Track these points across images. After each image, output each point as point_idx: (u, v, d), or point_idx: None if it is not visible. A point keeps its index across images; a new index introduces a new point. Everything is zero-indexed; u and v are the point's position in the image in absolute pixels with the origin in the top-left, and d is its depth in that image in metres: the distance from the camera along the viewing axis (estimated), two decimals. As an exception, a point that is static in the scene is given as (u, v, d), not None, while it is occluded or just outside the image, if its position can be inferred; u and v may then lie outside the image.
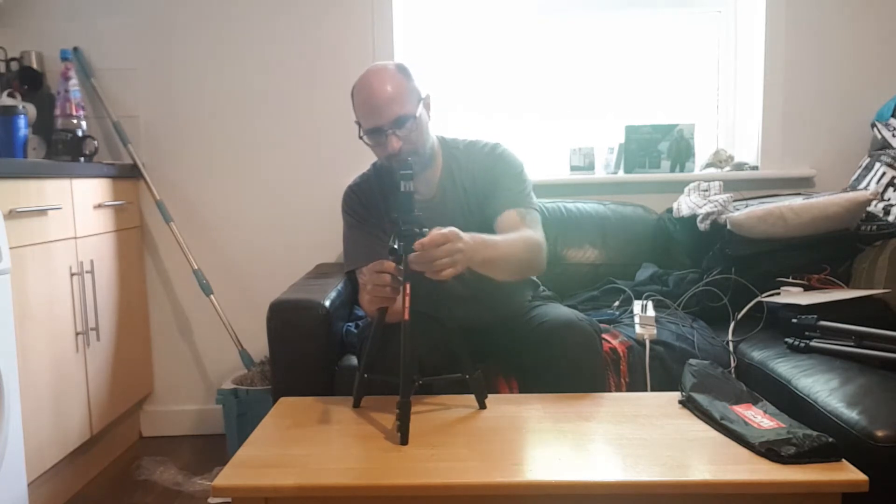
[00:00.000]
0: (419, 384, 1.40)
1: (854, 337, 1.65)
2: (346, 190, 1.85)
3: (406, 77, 1.67)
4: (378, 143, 1.66)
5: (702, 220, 2.21)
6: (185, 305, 2.72)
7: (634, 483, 1.15)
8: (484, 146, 1.81)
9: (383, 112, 1.61)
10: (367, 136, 1.67)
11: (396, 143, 1.62)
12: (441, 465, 1.21)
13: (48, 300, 2.03)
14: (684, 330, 1.97)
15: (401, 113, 1.62)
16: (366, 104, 1.64)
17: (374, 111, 1.62)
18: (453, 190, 1.77)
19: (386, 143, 1.63)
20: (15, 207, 1.86)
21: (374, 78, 1.64)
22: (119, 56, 2.64)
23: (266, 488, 1.17)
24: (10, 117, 2.25)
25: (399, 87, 1.63)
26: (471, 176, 1.77)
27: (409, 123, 1.63)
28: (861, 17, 2.55)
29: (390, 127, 1.62)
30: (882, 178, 2.25)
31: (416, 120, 1.65)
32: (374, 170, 1.86)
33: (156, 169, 2.66)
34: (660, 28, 2.74)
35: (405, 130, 1.63)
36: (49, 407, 2.01)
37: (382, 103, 1.61)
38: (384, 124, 1.62)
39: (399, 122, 1.62)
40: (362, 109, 1.66)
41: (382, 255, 1.57)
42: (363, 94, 1.65)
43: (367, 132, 1.66)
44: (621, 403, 1.50)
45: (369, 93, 1.63)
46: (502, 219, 1.69)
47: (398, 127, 1.62)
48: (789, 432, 1.22)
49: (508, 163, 1.77)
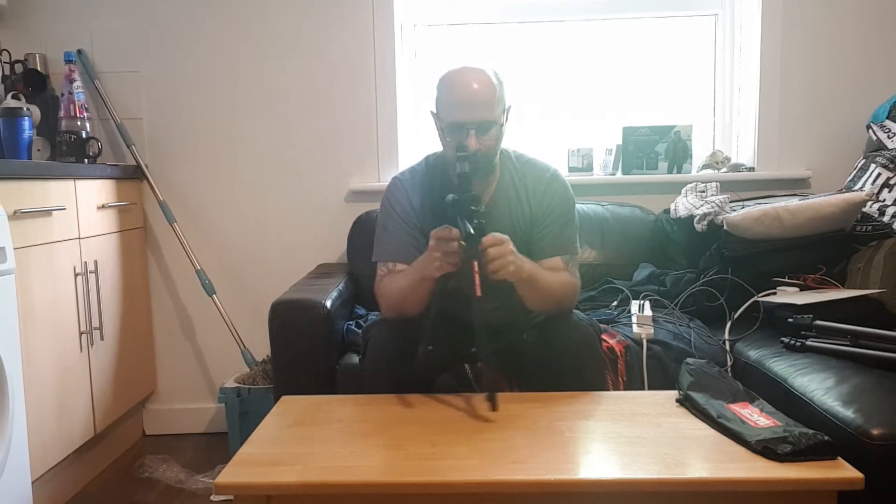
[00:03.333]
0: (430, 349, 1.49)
1: (850, 336, 1.67)
2: (392, 180, 1.82)
3: (500, 84, 1.67)
4: (455, 139, 1.64)
5: (699, 221, 2.23)
6: (188, 305, 2.74)
7: (632, 481, 1.17)
8: (545, 171, 1.79)
9: (472, 111, 1.61)
10: (447, 129, 1.66)
11: (475, 143, 1.61)
12: (441, 464, 1.22)
13: (52, 300, 2.04)
14: (681, 329, 1.98)
15: (489, 118, 1.62)
16: (455, 98, 1.64)
17: (464, 108, 1.61)
18: (506, 203, 1.76)
19: (465, 141, 1.61)
20: (19, 208, 1.88)
21: (472, 76, 1.64)
22: (123, 58, 2.65)
23: (268, 486, 1.18)
24: (15, 119, 2.26)
25: (493, 93, 1.64)
26: (526, 195, 1.76)
27: (493, 130, 1.64)
28: (856, 19, 2.57)
29: (475, 127, 1.61)
30: (877, 180, 2.26)
31: (499, 129, 1.66)
32: (425, 164, 1.83)
33: (159, 170, 2.67)
34: (657, 30, 2.75)
35: (488, 137, 1.63)
36: (53, 405, 2.02)
37: (474, 103, 1.61)
38: (469, 122, 1.61)
39: (485, 127, 1.62)
40: (449, 102, 1.65)
41: (414, 254, 1.61)
42: (455, 88, 1.65)
43: (449, 126, 1.65)
44: (619, 402, 1.52)
45: (464, 89, 1.63)
46: (548, 263, 1.70)
47: (483, 131, 1.62)
48: (786, 431, 1.24)
49: (564, 197, 1.77)
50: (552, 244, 1.72)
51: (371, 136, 2.67)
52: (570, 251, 1.74)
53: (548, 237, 1.73)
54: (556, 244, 1.72)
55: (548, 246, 1.72)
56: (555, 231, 1.73)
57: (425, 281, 1.58)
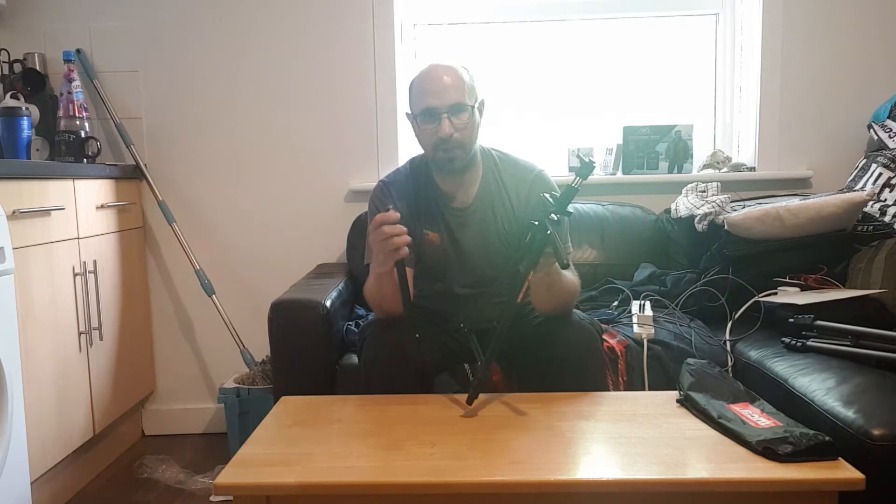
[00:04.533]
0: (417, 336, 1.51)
1: (851, 336, 1.66)
2: (378, 184, 1.84)
3: (469, 75, 1.69)
4: (429, 126, 1.66)
5: (699, 221, 2.23)
6: (188, 305, 2.74)
7: (632, 481, 1.16)
8: (529, 171, 1.80)
9: (442, 95, 1.63)
10: (420, 118, 1.67)
11: (449, 127, 1.63)
12: (441, 464, 1.22)
13: (51, 300, 2.04)
14: (682, 329, 1.98)
15: (459, 100, 1.64)
16: (424, 87, 1.66)
17: (433, 94, 1.64)
18: (489, 202, 1.77)
19: (438, 127, 1.63)
20: (18, 208, 1.87)
21: (440, 67, 1.68)
22: (122, 58, 2.65)
23: (267, 486, 1.18)
24: (14, 119, 2.26)
25: (461, 80, 1.66)
26: (509, 195, 1.77)
27: (465, 113, 1.65)
28: (857, 18, 2.56)
29: (446, 111, 1.63)
30: (878, 179, 2.26)
31: (472, 112, 1.67)
32: (409, 166, 1.85)
33: (158, 170, 2.67)
34: (657, 30, 2.75)
35: (460, 120, 1.64)
36: (52, 406, 2.02)
37: (443, 87, 1.64)
38: (440, 106, 1.63)
39: (456, 109, 1.64)
40: (420, 91, 1.67)
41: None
42: (423, 79, 1.67)
43: (422, 113, 1.66)
44: (620, 402, 1.51)
45: (432, 78, 1.65)
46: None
47: (454, 113, 1.64)
48: (786, 431, 1.23)
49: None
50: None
51: (371, 135, 2.66)
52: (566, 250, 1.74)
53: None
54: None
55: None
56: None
57: (383, 276, 1.58)
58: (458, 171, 1.71)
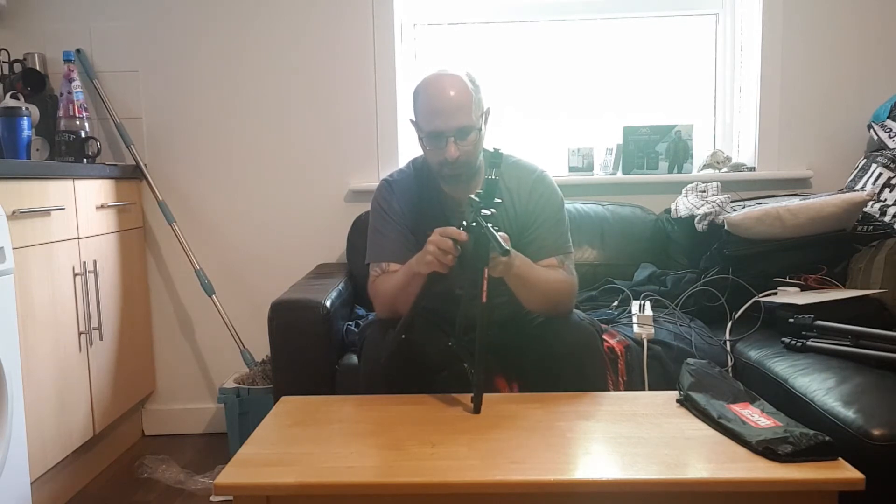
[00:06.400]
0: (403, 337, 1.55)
1: (850, 336, 1.67)
2: (382, 182, 1.83)
3: (476, 88, 1.67)
4: (436, 148, 1.65)
5: (700, 221, 2.23)
6: (187, 305, 2.74)
7: (632, 481, 1.16)
8: (530, 172, 1.79)
9: (449, 119, 1.61)
10: (426, 139, 1.67)
11: (455, 151, 1.62)
12: (441, 464, 1.22)
13: (51, 300, 2.04)
14: (682, 329, 1.98)
15: (466, 123, 1.62)
16: (431, 107, 1.64)
17: (440, 115, 1.62)
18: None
19: (444, 149, 1.62)
20: (18, 208, 1.87)
21: (447, 82, 1.64)
22: (122, 58, 2.65)
23: (267, 486, 1.18)
24: (14, 119, 2.25)
25: (469, 98, 1.63)
26: (510, 197, 1.76)
27: (472, 135, 1.64)
28: (857, 18, 2.56)
29: (453, 134, 1.62)
30: (878, 179, 2.26)
31: (478, 133, 1.66)
32: (413, 167, 1.84)
33: (158, 170, 2.67)
34: (657, 30, 2.75)
35: (467, 143, 1.63)
36: (52, 406, 2.02)
37: (451, 109, 1.61)
38: (447, 130, 1.61)
39: (463, 133, 1.63)
40: (426, 110, 1.65)
41: (406, 254, 1.62)
42: (430, 96, 1.65)
43: (428, 135, 1.65)
44: (620, 402, 1.51)
45: (439, 96, 1.62)
46: (543, 264, 1.69)
47: (461, 137, 1.62)
48: (786, 431, 1.23)
49: (551, 198, 1.76)
50: (544, 246, 1.72)
51: (371, 135, 2.66)
52: (562, 251, 1.74)
53: (538, 239, 1.73)
54: (548, 245, 1.72)
55: (540, 248, 1.72)
56: (545, 233, 1.73)
57: (416, 277, 1.58)
58: (465, 180, 1.71)
